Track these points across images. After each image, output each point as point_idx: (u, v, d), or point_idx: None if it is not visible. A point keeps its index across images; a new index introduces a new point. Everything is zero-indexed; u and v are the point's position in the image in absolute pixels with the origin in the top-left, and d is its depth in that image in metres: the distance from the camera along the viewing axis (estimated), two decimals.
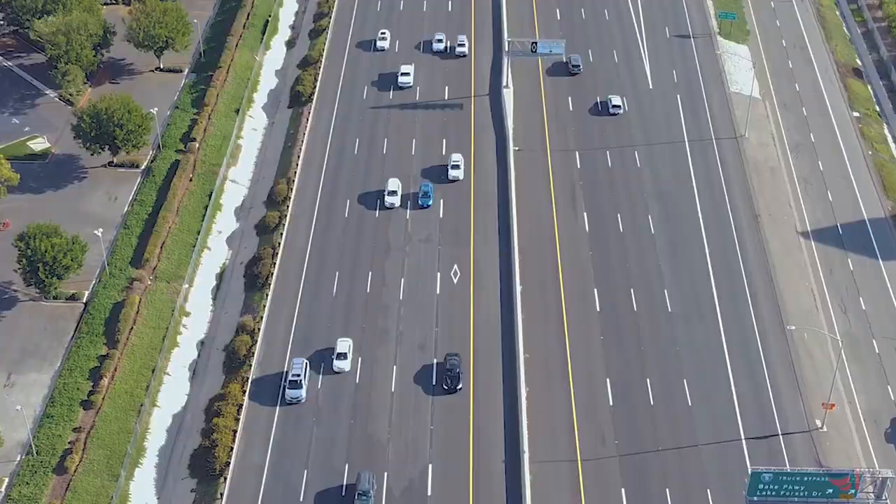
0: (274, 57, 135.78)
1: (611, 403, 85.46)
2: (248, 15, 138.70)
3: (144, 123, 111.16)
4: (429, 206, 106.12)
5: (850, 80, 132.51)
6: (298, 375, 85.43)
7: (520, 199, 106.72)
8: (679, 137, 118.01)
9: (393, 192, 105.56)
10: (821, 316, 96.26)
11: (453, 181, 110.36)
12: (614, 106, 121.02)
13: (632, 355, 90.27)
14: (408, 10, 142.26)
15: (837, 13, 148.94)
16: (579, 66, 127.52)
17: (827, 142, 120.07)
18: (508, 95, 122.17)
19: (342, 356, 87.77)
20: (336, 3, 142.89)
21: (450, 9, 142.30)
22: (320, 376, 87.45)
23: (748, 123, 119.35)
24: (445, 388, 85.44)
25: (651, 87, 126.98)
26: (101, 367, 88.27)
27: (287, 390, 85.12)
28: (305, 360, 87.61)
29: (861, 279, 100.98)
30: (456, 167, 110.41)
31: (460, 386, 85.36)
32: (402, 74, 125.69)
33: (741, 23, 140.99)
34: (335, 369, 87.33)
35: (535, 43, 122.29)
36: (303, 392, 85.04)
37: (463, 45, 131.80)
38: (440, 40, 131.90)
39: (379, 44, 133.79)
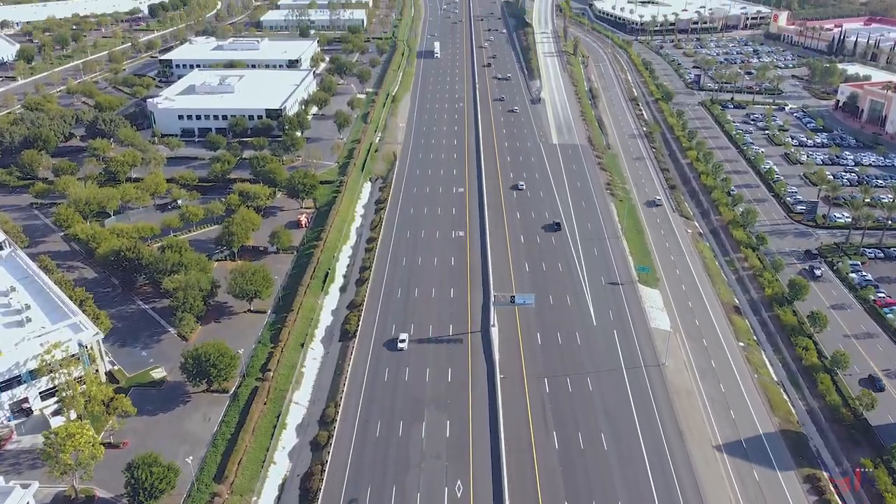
0: (330, 299, 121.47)
1: None
2: (314, 269, 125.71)
3: (232, 363, 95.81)
4: None
5: (733, 316, 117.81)
6: None
7: (507, 421, 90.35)
8: (618, 365, 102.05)
9: None
10: None
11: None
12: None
13: None
14: (426, 267, 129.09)
15: (717, 263, 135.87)
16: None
17: (724, 367, 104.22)
18: (494, 333, 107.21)
19: None
20: (375, 261, 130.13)
21: (452, 263, 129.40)
22: None
23: (667, 353, 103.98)
24: None
25: (595, 323, 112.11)
26: None
27: None
28: None
29: (766, 488, 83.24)
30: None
31: None
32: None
33: (652, 272, 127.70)
34: None
35: (513, 296, 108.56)
36: None
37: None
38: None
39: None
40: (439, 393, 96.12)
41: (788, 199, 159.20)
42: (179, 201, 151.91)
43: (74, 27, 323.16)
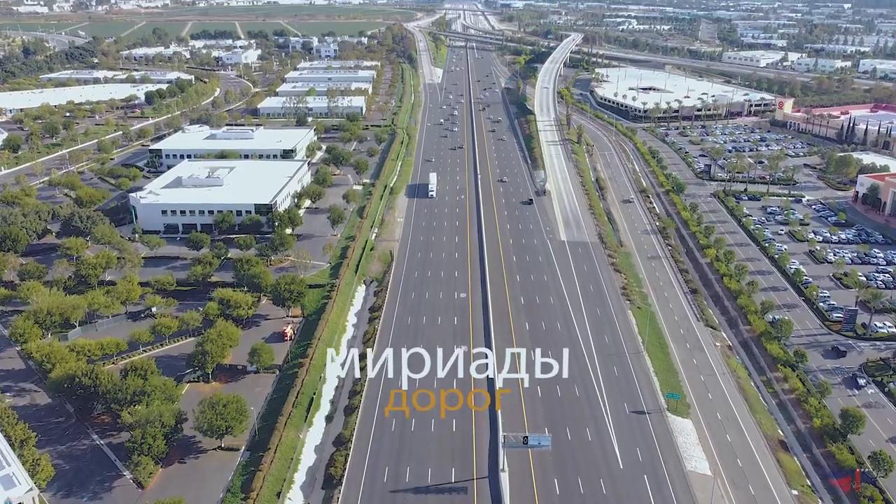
0: (315, 432, 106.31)
1: None
2: (298, 393, 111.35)
3: None
4: None
5: (781, 454, 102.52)
6: None
7: None
8: None
9: None
10: None
11: None
12: None
13: None
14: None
15: (752, 384, 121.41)
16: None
17: None
18: (504, 479, 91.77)
19: None
20: (366, 383, 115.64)
21: (454, 388, 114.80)
22: None
23: None
24: None
25: (621, 466, 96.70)
26: None
27: None
28: None
29: None
30: None
31: None
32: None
33: (682, 398, 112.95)
34: None
35: (526, 437, 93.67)
36: None
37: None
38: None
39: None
40: None
41: (821, 304, 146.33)
42: (154, 309, 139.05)
43: (67, 115, 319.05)
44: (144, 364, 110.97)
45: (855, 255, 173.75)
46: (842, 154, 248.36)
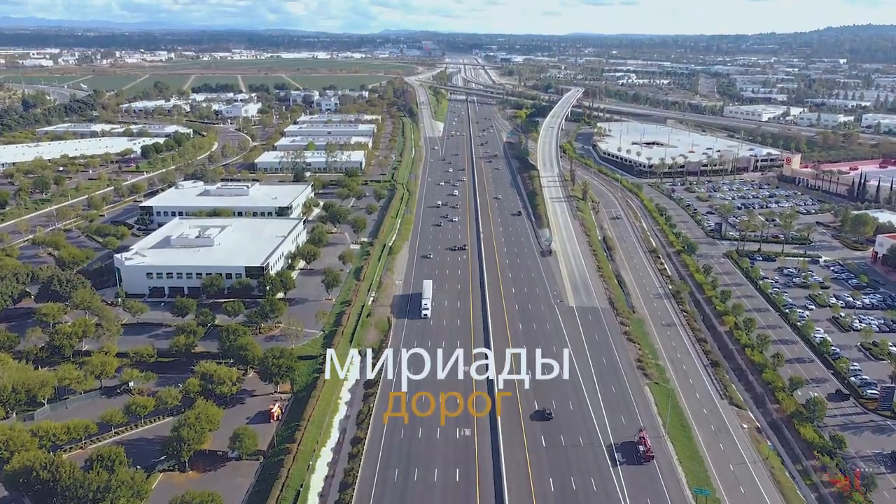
0: None
1: None
2: (283, 486, 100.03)
3: None
4: None
5: None
6: None
7: None
8: None
9: None
10: None
11: None
12: None
13: None
14: (424, 483, 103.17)
15: (787, 474, 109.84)
16: None
17: None
18: None
19: None
20: (360, 473, 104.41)
21: (457, 479, 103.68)
22: None
23: None
24: None
25: None
26: None
27: None
28: None
29: None
30: None
31: None
32: None
33: (711, 493, 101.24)
34: None
35: None
36: None
37: None
38: None
39: None
40: None
41: (853, 378, 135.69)
42: (131, 384, 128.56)
43: (60, 169, 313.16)
44: (112, 453, 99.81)
45: (882, 321, 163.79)
46: (857, 212, 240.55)
